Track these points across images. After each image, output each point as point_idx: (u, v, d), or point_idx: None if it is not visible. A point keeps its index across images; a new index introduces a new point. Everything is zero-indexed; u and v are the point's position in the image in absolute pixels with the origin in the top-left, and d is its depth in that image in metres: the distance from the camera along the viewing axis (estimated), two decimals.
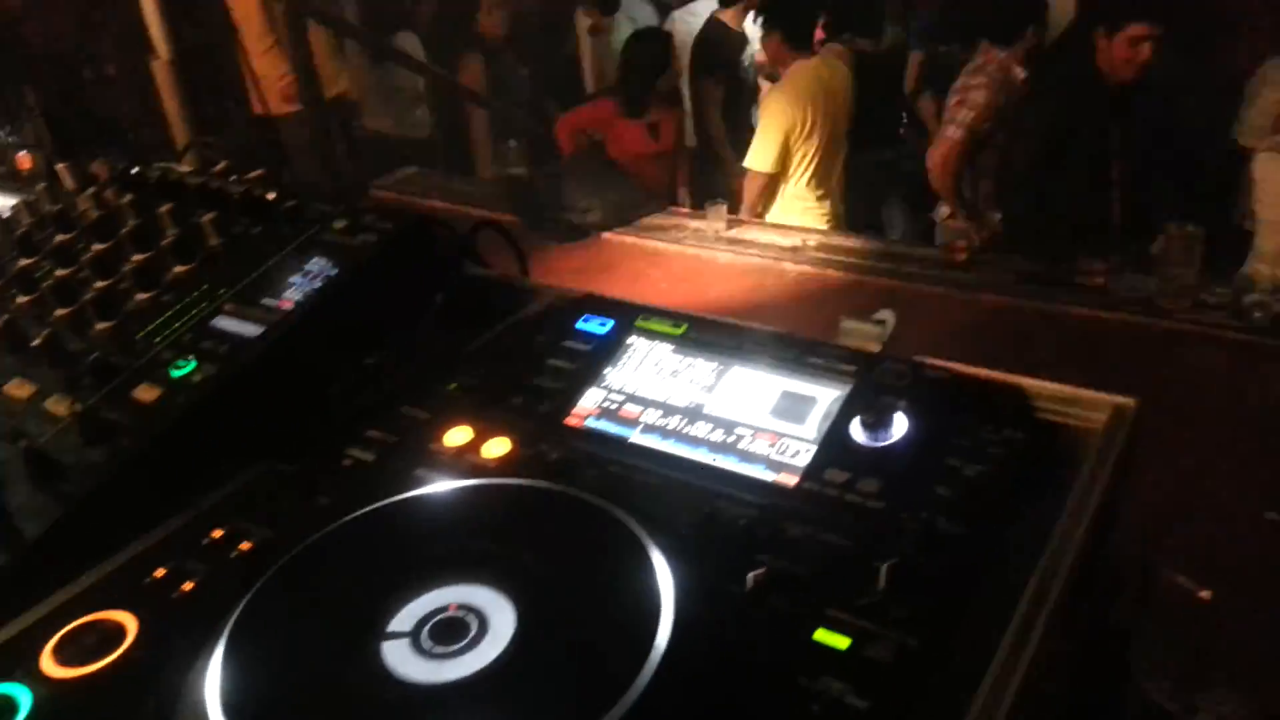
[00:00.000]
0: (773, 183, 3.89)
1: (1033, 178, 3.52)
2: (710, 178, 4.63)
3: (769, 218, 3.94)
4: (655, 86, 4.11)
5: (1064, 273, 3.02)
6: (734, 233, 3.68)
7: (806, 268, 3.40)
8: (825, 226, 3.90)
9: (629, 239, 3.67)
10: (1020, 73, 3.77)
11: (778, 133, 3.77)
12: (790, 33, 3.80)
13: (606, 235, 3.67)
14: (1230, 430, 2.24)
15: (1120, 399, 0.89)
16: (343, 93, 5.02)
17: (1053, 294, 2.98)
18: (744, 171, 3.96)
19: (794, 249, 3.53)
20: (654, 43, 4.21)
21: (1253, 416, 2.32)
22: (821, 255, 3.47)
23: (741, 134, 4.36)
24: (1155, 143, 3.54)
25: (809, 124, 3.75)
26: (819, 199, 3.93)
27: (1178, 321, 2.77)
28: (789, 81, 3.80)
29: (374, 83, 5.38)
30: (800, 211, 3.91)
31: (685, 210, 4.00)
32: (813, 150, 3.81)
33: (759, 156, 3.84)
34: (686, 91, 4.71)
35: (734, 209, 3.88)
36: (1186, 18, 3.91)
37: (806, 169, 3.84)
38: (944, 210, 4.03)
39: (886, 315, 1.05)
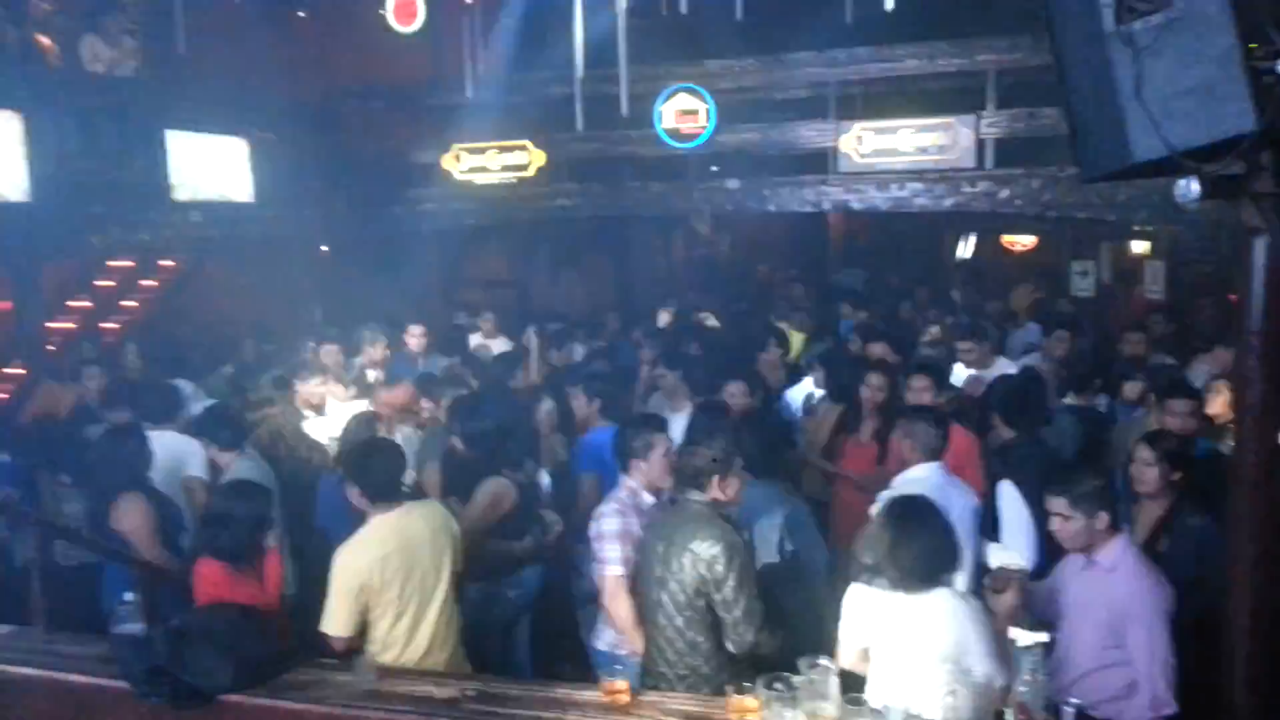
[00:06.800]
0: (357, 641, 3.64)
1: None
2: None
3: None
4: (260, 531, 3.91)
5: (717, 709, 3.02)
6: (385, 685, 3.40)
7: None
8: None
9: (262, 701, 3.27)
10: (648, 498, 4.01)
11: (349, 593, 3.55)
12: (370, 489, 3.71)
13: (234, 699, 3.25)
14: None
15: None
16: None
17: None
18: None
19: (451, 700, 3.31)
20: (256, 497, 3.98)
21: None
22: (480, 707, 3.26)
23: None
24: None
25: (381, 580, 3.58)
26: (415, 651, 3.68)
27: None
28: (361, 536, 3.66)
29: None
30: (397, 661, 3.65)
31: (332, 662, 3.68)
32: (394, 603, 3.61)
33: (330, 619, 3.58)
34: None
35: None
36: None
37: (392, 622, 3.64)
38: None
39: None
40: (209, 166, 9.46)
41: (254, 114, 10.16)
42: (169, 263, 11.48)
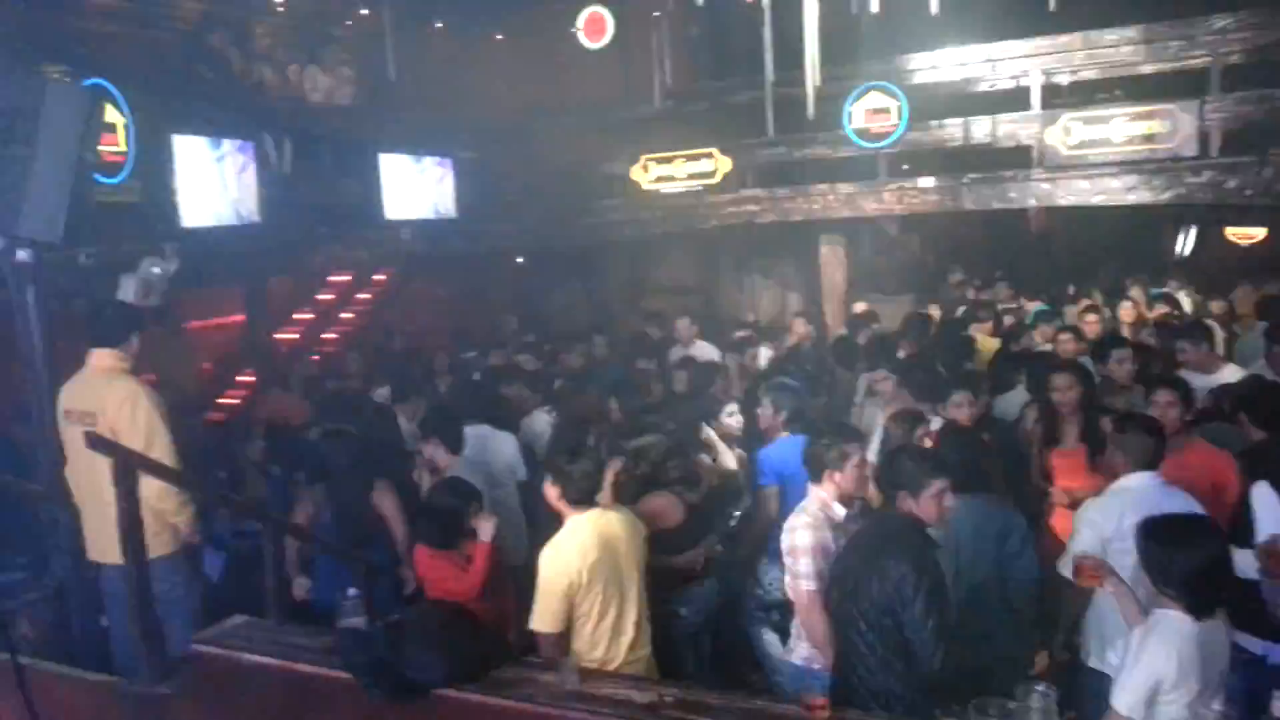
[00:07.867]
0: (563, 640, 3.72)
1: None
2: None
3: None
4: (464, 522, 4.14)
5: None
6: (588, 686, 3.48)
7: None
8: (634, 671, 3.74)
9: (472, 698, 3.41)
10: (839, 510, 3.91)
11: (555, 592, 3.65)
12: (567, 493, 3.78)
13: (447, 693, 3.40)
14: None
15: None
16: None
17: None
18: None
19: (650, 705, 3.34)
20: (459, 491, 4.26)
21: None
22: (679, 714, 3.28)
23: None
24: None
25: (587, 578, 3.65)
26: (620, 648, 3.74)
27: None
28: (563, 537, 3.74)
29: None
30: (601, 662, 3.72)
31: (538, 661, 3.80)
32: (598, 601, 3.68)
33: (539, 618, 3.67)
34: None
35: None
36: None
37: (597, 620, 3.70)
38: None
39: None
40: (417, 186, 10.00)
41: (457, 134, 10.67)
42: (381, 277, 12.25)
